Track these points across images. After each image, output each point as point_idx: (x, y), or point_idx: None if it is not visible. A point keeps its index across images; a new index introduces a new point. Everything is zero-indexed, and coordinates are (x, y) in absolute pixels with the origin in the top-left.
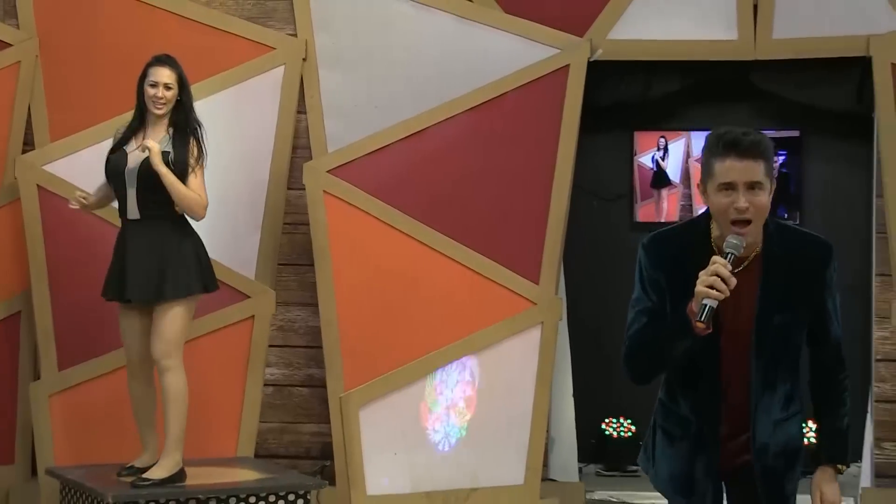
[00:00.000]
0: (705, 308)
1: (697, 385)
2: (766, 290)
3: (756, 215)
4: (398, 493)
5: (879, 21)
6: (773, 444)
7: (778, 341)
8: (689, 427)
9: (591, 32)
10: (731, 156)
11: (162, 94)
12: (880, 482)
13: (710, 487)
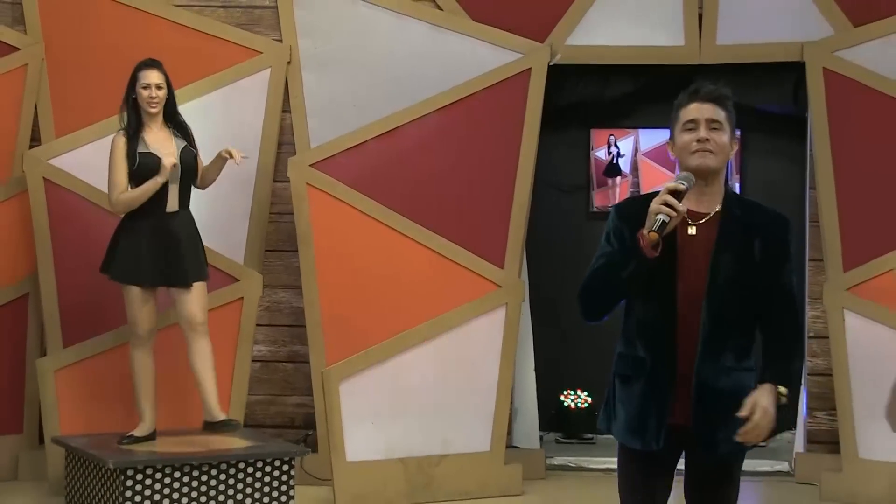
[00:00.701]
0: (658, 221)
1: (654, 328)
2: (723, 242)
3: (716, 150)
4: (375, 460)
5: (812, 29)
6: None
7: (730, 292)
8: (643, 367)
9: (551, 38)
10: (695, 100)
11: (155, 93)
12: (812, 447)
13: (663, 431)
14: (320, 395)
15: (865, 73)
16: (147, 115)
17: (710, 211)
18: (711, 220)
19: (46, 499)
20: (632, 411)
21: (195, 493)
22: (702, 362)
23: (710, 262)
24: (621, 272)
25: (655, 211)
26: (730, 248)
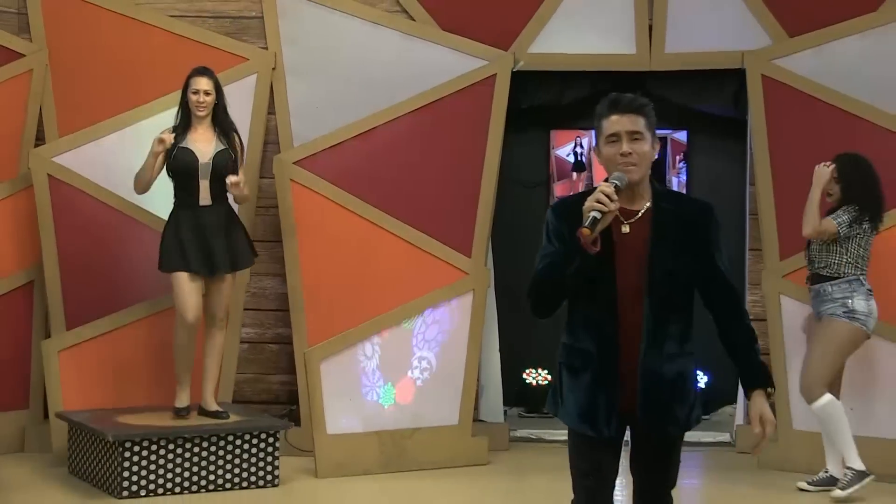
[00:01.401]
0: (590, 217)
1: (597, 321)
2: (656, 236)
3: (639, 160)
4: (353, 433)
5: (752, 39)
6: (662, 374)
7: (668, 284)
8: (590, 359)
9: (515, 47)
10: (615, 112)
11: (203, 98)
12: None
13: (613, 417)
14: (302, 374)
15: (800, 79)
16: (195, 117)
17: (640, 208)
18: (643, 217)
19: (50, 469)
20: (581, 399)
21: (188, 463)
22: (647, 351)
23: (647, 256)
24: (566, 270)
25: (589, 209)
26: (664, 242)
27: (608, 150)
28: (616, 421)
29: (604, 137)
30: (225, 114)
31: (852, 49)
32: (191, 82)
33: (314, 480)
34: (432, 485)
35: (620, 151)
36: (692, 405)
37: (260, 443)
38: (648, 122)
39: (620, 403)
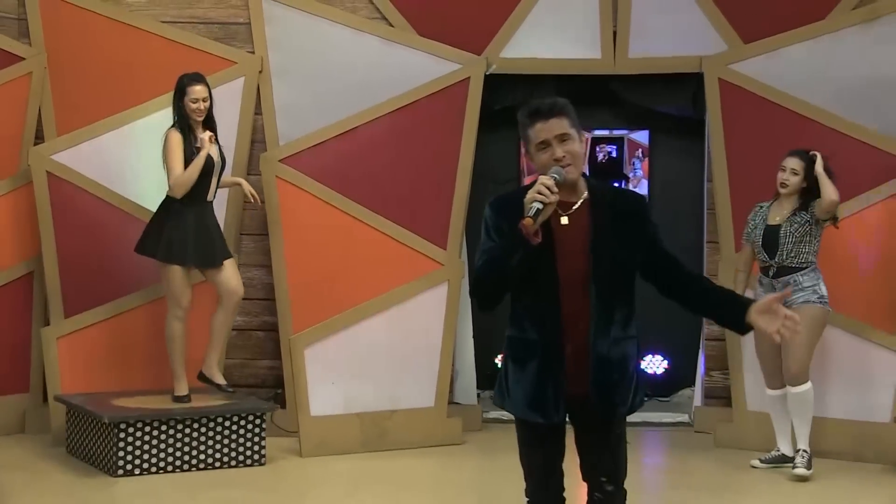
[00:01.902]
0: (532, 208)
1: (543, 311)
2: (596, 226)
3: (573, 160)
4: (335, 414)
5: (709, 45)
6: (610, 357)
7: (611, 271)
8: (536, 350)
9: (487, 52)
10: (538, 120)
11: (202, 105)
12: (708, 402)
13: (561, 403)
14: (288, 359)
15: (754, 82)
16: (193, 122)
17: (577, 201)
18: (581, 209)
19: (50, 449)
20: (529, 389)
21: (179, 443)
22: (595, 337)
23: (590, 246)
24: (508, 263)
25: (531, 199)
26: (604, 231)
27: (542, 157)
28: (564, 406)
29: (534, 146)
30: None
31: (803, 54)
32: (188, 91)
33: (299, 459)
34: (410, 463)
35: (554, 157)
36: (636, 386)
37: (247, 424)
38: (571, 120)
39: (568, 390)
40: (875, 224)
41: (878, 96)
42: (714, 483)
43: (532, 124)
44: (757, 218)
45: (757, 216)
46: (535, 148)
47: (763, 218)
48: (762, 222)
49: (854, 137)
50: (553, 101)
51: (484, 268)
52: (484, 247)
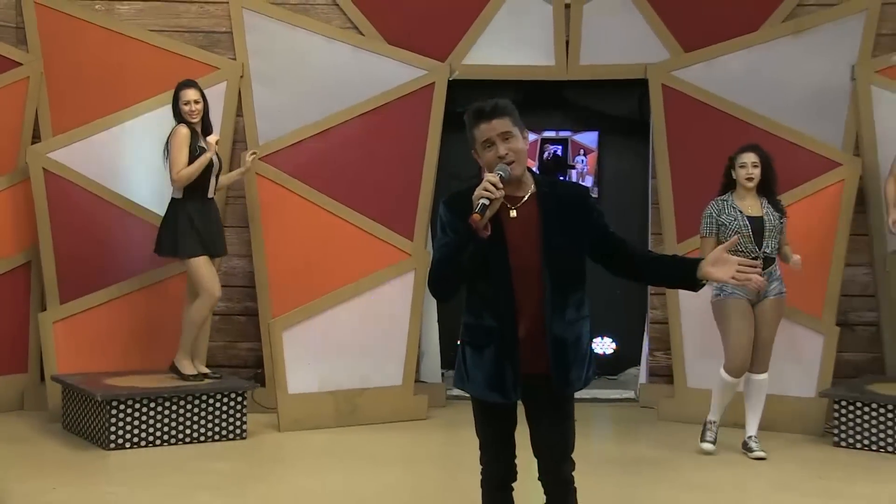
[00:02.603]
0: (479, 205)
1: (497, 299)
2: (545, 217)
3: (517, 156)
4: (310, 392)
5: (654, 53)
6: (566, 339)
7: (561, 257)
8: (492, 335)
9: (450, 59)
10: (481, 121)
11: (194, 108)
12: (652, 379)
13: (516, 384)
14: (267, 342)
15: (694, 88)
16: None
17: (525, 194)
18: (528, 202)
19: (47, 425)
20: (488, 372)
21: (167, 419)
22: (551, 321)
23: (541, 236)
24: (462, 256)
25: (478, 196)
26: (552, 221)
27: (487, 156)
28: (520, 387)
29: (479, 144)
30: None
31: (738, 62)
32: (181, 95)
33: (277, 434)
34: (379, 437)
35: (498, 154)
36: (589, 363)
37: (230, 401)
38: (513, 119)
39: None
40: (804, 218)
41: (805, 100)
42: (657, 453)
43: (477, 125)
44: (730, 210)
45: (727, 210)
46: (480, 146)
47: (738, 210)
48: (740, 214)
49: (784, 138)
50: (495, 102)
51: (438, 262)
52: (439, 242)
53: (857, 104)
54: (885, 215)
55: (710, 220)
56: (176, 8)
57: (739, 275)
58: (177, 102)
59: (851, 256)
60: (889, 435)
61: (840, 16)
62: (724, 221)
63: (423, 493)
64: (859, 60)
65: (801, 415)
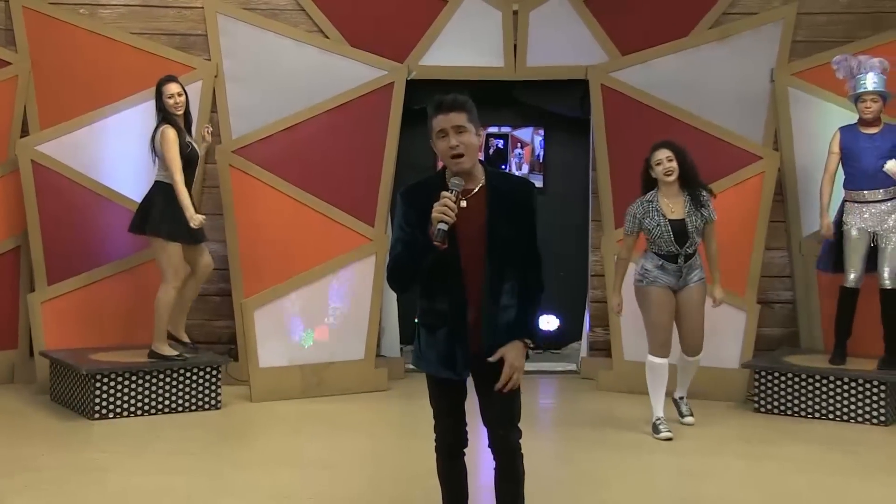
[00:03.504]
0: (439, 231)
1: (449, 285)
2: (492, 210)
3: (466, 150)
4: (280, 366)
5: (594, 56)
6: (500, 322)
7: (503, 247)
8: (445, 317)
9: (409, 60)
10: (440, 113)
11: (178, 100)
12: (592, 353)
13: (467, 361)
14: (240, 320)
15: (630, 88)
16: (175, 117)
17: (475, 186)
18: (478, 194)
19: (35, 397)
20: (441, 351)
21: (148, 391)
22: (486, 305)
23: (487, 227)
24: (422, 259)
25: (437, 220)
26: (499, 214)
27: (440, 145)
28: (468, 364)
29: (435, 133)
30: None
31: (670, 65)
32: (164, 90)
33: (249, 404)
34: (344, 406)
35: (449, 145)
36: None
37: (206, 375)
38: (470, 115)
39: (472, 349)
40: (728, 206)
41: (730, 99)
42: (597, 419)
43: (435, 115)
44: (653, 215)
45: (650, 212)
46: (436, 136)
47: (659, 213)
48: (662, 219)
49: (711, 134)
50: (455, 97)
51: (399, 260)
52: (396, 234)
53: (776, 104)
54: (819, 218)
55: (635, 221)
56: (155, 12)
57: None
58: (160, 97)
59: (770, 241)
60: (803, 401)
61: (760, 23)
62: (648, 226)
63: (383, 458)
64: (777, 64)
65: (725, 384)
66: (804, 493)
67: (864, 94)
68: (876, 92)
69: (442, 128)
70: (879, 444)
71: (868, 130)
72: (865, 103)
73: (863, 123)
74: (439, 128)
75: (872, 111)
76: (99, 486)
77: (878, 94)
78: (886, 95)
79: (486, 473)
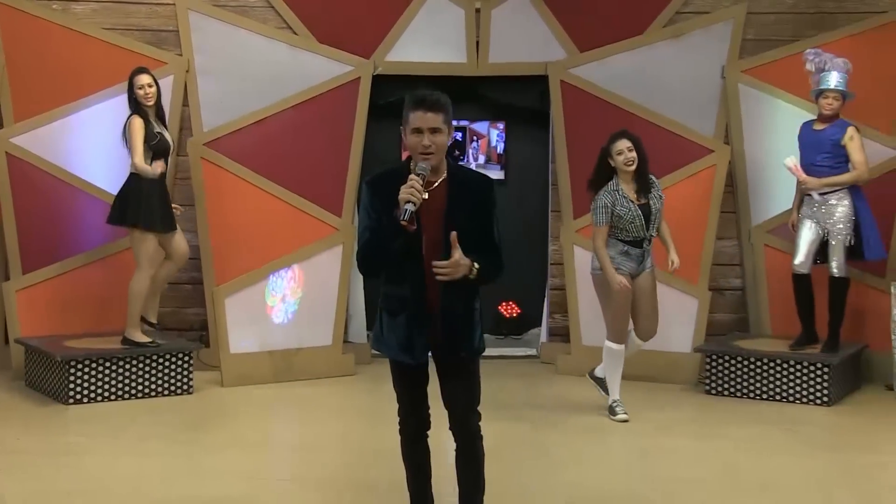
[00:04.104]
0: (406, 210)
1: (409, 272)
2: (451, 202)
3: (437, 150)
4: (250, 352)
5: (553, 53)
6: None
7: (461, 237)
8: (405, 303)
9: (374, 56)
10: (420, 109)
11: (148, 91)
12: (552, 338)
13: (424, 348)
14: (211, 307)
15: (587, 83)
16: (146, 108)
17: (438, 180)
18: (440, 186)
19: (11, 383)
20: (400, 336)
21: (121, 377)
22: (445, 294)
23: (445, 218)
24: (391, 245)
25: (405, 199)
26: (458, 206)
27: (412, 140)
28: (427, 350)
29: (410, 128)
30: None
31: (626, 62)
32: (135, 81)
33: (220, 389)
34: (312, 390)
35: (423, 143)
36: (479, 334)
37: (178, 360)
38: (446, 117)
39: (429, 336)
40: (681, 197)
41: (683, 95)
42: (555, 402)
43: (415, 110)
44: (623, 202)
45: (618, 200)
46: (410, 130)
47: (627, 199)
48: (632, 205)
49: (664, 128)
50: (437, 97)
51: (368, 247)
52: (364, 224)
53: (727, 99)
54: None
55: (606, 210)
56: (127, 8)
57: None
58: (132, 89)
59: (721, 231)
60: (752, 383)
61: (712, 22)
62: (620, 213)
63: (350, 440)
64: (728, 61)
65: (678, 367)
66: (752, 470)
67: (826, 91)
68: (838, 90)
69: (419, 126)
70: (823, 424)
71: (819, 126)
72: (827, 100)
73: (820, 119)
74: (416, 125)
75: (833, 108)
76: (75, 469)
77: (840, 92)
78: (847, 95)
79: (450, 454)
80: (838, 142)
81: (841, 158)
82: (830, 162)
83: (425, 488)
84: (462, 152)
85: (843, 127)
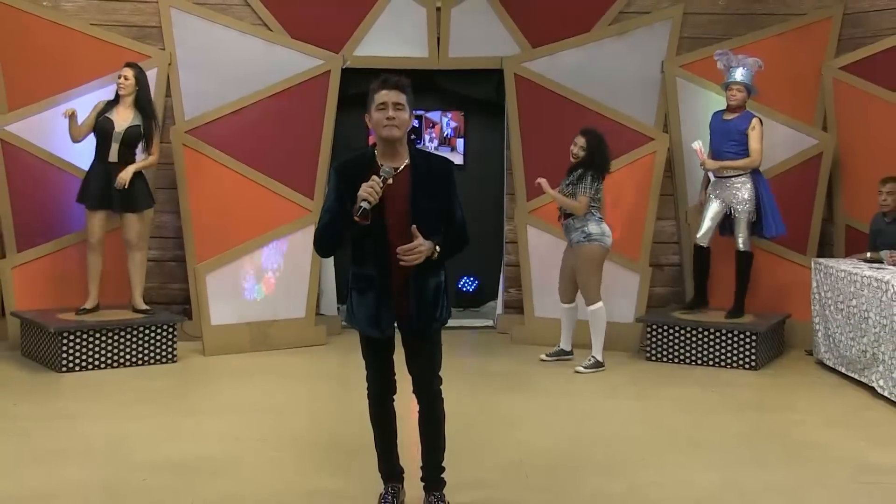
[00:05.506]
0: (361, 208)
1: (375, 252)
2: (415, 185)
3: (400, 124)
4: (229, 323)
5: (508, 48)
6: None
7: (426, 219)
8: (372, 281)
9: (344, 50)
10: (384, 88)
11: (122, 81)
12: (507, 311)
13: (391, 322)
14: (193, 283)
15: (540, 76)
16: (120, 97)
17: (401, 164)
18: (403, 171)
19: (7, 352)
20: (369, 311)
21: (111, 348)
22: (415, 271)
23: (410, 200)
24: (344, 231)
25: (362, 198)
26: (421, 189)
27: (377, 115)
28: (393, 323)
29: (375, 106)
30: (147, 101)
31: (575, 57)
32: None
33: (202, 358)
34: (287, 359)
35: (386, 116)
36: (445, 306)
37: (163, 332)
38: (408, 98)
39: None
40: (624, 181)
41: (626, 87)
42: (510, 368)
43: (379, 90)
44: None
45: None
46: (375, 107)
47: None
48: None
49: (610, 118)
50: (400, 78)
51: (324, 229)
52: (326, 205)
53: (666, 91)
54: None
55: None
56: (113, 5)
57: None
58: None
59: (661, 212)
60: (687, 351)
61: (652, 21)
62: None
63: (322, 404)
64: (667, 57)
65: (622, 336)
66: (685, 428)
67: (731, 84)
68: (741, 83)
69: (384, 101)
70: (750, 386)
71: (728, 116)
72: (731, 91)
73: (728, 109)
74: (381, 101)
75: (737, 99)
76: (67, 432)
77: (744, 85)
78: (751, 89)
79: (414, 416)
80: (744, 131)
81: (746, 146)
82: (736, 149)
83: (391, 447)
84: (419, 137)
85: (749, 118)
